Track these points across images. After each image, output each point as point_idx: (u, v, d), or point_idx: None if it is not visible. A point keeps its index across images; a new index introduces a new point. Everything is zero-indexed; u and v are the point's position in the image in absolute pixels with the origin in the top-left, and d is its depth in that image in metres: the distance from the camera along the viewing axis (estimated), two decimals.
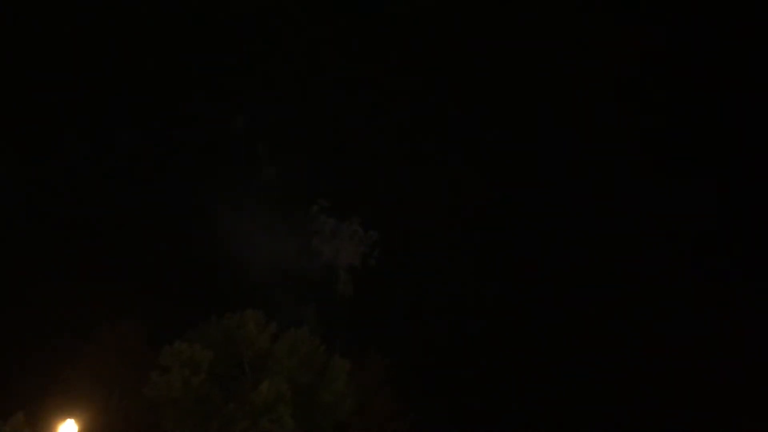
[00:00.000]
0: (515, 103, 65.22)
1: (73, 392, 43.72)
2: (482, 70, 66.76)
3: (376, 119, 68.21)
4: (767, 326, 51.10)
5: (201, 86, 66.87)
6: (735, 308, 53.05)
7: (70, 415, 41.94)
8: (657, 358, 51.94)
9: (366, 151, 66.85)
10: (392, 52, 68.30)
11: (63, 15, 60.94)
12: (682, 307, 54.78)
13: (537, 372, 52.75)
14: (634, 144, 62.52)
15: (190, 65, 66.33)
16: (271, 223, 67.03)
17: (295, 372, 45.69)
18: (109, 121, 61.33)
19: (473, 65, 67.89)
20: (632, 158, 62.18)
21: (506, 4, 67.64)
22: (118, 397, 45.15)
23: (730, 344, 51.08)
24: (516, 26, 66.45)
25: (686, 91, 63.47)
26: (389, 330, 54.73)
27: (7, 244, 50.47)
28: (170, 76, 64.70)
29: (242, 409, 42.80)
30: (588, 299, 55.21)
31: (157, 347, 44.31)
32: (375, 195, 66.53)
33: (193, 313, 49.23)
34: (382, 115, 68.38)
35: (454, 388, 51.59)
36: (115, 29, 63.88)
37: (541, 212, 62.02)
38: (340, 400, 45.84)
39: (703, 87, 63.10)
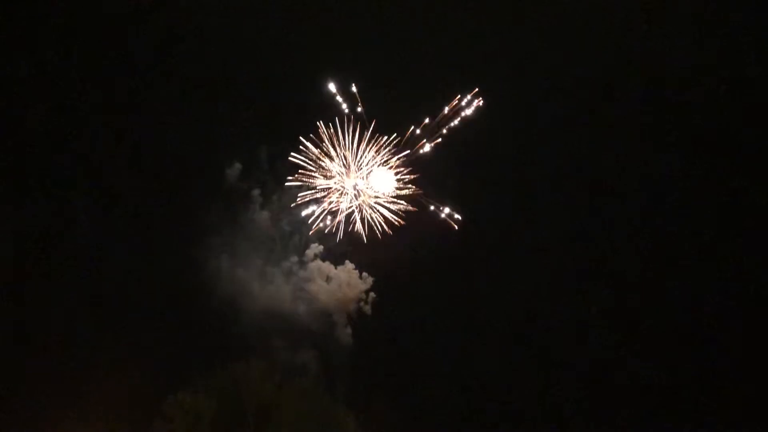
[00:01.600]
0: None
1: None
2: None
3: None
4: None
5: (196, 131, 66.95)
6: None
7: None
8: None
9: None
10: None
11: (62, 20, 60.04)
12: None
13: (547, 416, 52.98)
14: None
15: (182, 113, 66.33)
16: (265, 269, 67.03)
17: (300, 423, 45.43)
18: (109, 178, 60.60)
19: None
20: None
21: None
22: None
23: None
24: None
25: None
26: (393, 377, 54.42)
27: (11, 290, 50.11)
28: (162, 120, 64.49)
29: None
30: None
31: (160, 396, 44.00)
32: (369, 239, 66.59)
33: (195, 362, 49.03)
34: None
35: None
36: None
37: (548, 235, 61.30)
38: None
39: None
